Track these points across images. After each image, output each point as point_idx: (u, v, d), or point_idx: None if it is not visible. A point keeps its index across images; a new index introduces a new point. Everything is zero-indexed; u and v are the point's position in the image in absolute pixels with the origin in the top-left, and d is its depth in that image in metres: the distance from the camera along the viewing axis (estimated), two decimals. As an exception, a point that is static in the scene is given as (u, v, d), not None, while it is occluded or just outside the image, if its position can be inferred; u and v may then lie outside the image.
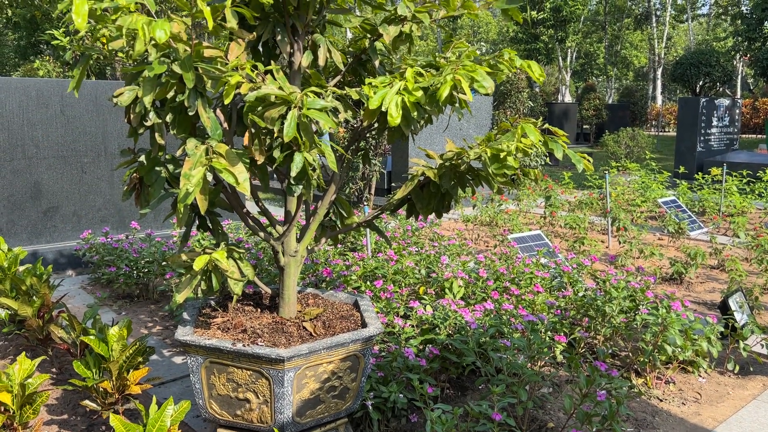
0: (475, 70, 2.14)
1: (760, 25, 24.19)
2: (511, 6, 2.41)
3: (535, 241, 5.31)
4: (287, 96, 1.96)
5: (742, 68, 32.13)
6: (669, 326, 3.28)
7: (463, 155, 2.41)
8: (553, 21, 27.02)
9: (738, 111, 13.57)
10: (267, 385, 2.32)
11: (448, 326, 3.20)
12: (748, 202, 8.50)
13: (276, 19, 2.28)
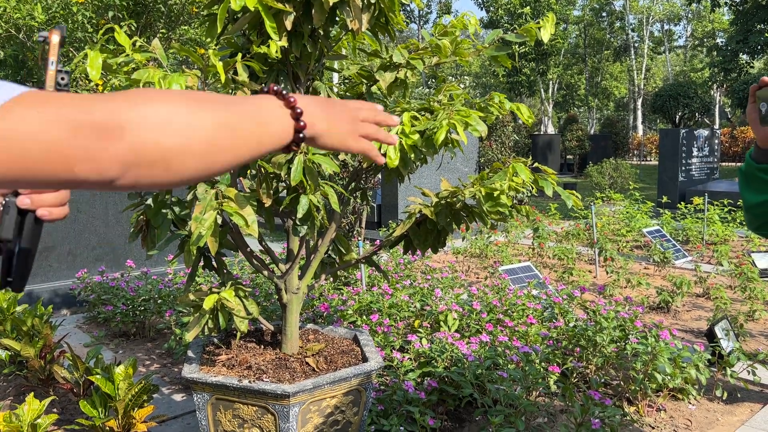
0: (470, 115, 2.27)
1: (735, 57, 24.89)
2: (500, 54, 2.56)
3: (525, 272, 5.42)
4: (293, 142, 2.07)
5: (719, 98, 32.90)
6: (658, 355, 3.38)
7: (458, 194, 2.53)
8: (534, 54, 27.63)
9: (717, 140, 13.91)
10: (272, 420, 2.38)
11: (446, 359, 3.28)
12: (730, 231, 8.69)
13: (279, 69, 2.41)
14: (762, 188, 1.47)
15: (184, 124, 0.63)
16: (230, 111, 0.68)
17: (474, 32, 2.69)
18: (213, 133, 0.65)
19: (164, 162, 0.62)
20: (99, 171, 0.60)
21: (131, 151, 0.60)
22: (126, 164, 0.60)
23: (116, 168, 0.60)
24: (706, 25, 37.15)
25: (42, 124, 0.57)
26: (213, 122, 0.65)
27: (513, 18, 25.94)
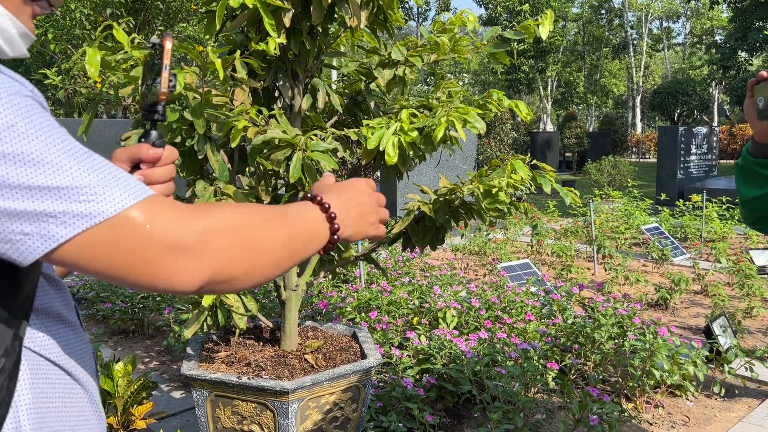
0: (468, 112, 2.27)
1: (734, 54, 24.91)
2: (499, 50, 2.56)
3: (523, 269, 5.43)
4: (291, 139, 2.07)
5: (718, 95, 32.92)
6: (656, 351, 3.39)
7: (456, 191, 2.53)
8: (533, 52, 27.63)
9: (715, 138, 13.92)
10: (271, 417, 2.39)
11: (444, 356, 3.28)
12: (729, 228, 8.71)
13: (278, 66, 2.41)
14: (758, 182, 1.48)
15: (258, 246, 0.77)
16: (288, 231, 0.81)
17: (472, 29, 2.69)
18: (275, 255, 0.79)
19: (234, 281, 0.75)
20: (179, 285, 0.72)
21: (211, 272, 0.73)
22: (203, 282, 0.73)
23: (195, 284, 0.72)
24: (705, 23, 37.16)
25: (147, 239, 0.69)
26: (276, 246, 0.79)
27: (512, 15, 25.93)
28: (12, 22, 0.80)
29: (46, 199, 0.66)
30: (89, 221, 0.67)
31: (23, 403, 0.74)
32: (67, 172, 0.67)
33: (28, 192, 0.66)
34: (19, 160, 0.65)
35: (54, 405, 0.78)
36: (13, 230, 0.66)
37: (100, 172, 0.70)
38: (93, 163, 0.70)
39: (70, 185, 0.67)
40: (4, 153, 0.65)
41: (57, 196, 0.66)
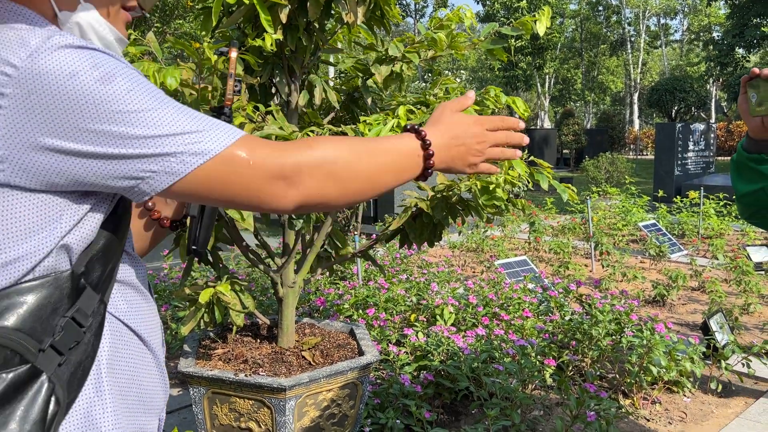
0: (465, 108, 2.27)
1: (731, 51, 24.92)
2: (496, 47, 2.56)
3: (521, 266, 5.43)
4: (288, 135, 2.07)
5: (715, 92, 32.95)
6: (653, 348, 3.39)
7: (453, 187, 2.53)
8: (530, 48, 27.62)
9: (713, 135, 13.93)
10: (269, 414, 2.38)
11: (441, 352, 3.28)
12: (726, 225, 8.72)
13: (274, 62, 2.40)
14: (753, 177, 1.49)
15: (344, 176, 0.90)
16: (379, 162, 0.93)
17: (470, 26, 2.68)
18: (364, 183, 0.91)
19: (327, 203, 0.90)
20: (279, 207, 0.87)
21: (304, 196, 0.88)
22: (298, 205, 0.88)
23: (291, 206, 0.88)
24: (702, 19, 37.16)
25: (250, 170, 0.84)
26: (364, 176, 0.91)
27: (509, 12, 25.91)
28: (109, 29, 0.92)
29: (167, 144, 0.81)
30: (202, 158, 0.82)
31: (104, 358, 0.87)
32: (178, 122, 0.82)
33: (152, 140, 0.80)
34: (142, 116, 0.80)
35: (127, 364, 0.90)
36: (143, 169, 0.81)
37: (201, 119, 0.84)
38: (193, 114, 0.84)
39: (183, 131, 0.82)
40: (130, 110, 0.79)
41: (174, 140, 0.81)
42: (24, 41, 0.78)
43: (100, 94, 0.77)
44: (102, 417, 0.86)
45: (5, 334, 0.77)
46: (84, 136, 0.78)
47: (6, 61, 0.77)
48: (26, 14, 0.86)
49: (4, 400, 0.76)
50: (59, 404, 0.80)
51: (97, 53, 0.80)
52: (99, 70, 0.78)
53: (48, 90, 0.76)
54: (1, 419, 0.76)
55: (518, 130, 1.07)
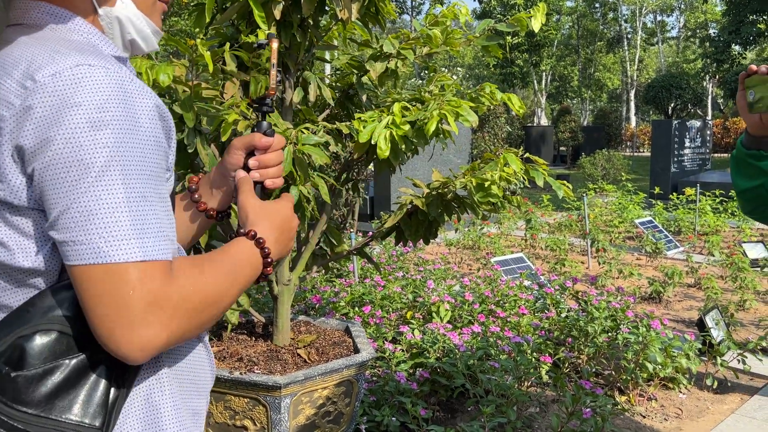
0: (460, 105, 2.26)
1: (727, 48, 24.95)
2: (491, 43, 2.55)
3: (517, 263, 5.43)
4: (282, 132, 2.06)
5: (712, 89, 32.98)
6: (649, 344, 3.39)
7: (449, 184, 2.52)
8: (527, 45, 27.60)
9: (709, 132, 13.95)
10: (264, 412, 2.38)
11: (437, 350, 3.28)
12: (722, 221, 8.73)
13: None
14: (752, 174, 1.49)
15: (210, 319, 0.86)
16: (238, 287, 0.90)
17: (465, 22, 2.67)
18: (227, 304, 0.88)
19: (194, 334, 0.84)
20: (131, 355, 0.80)
21: (179, 329, 0.82)
22: (168, 335, 0.81)
23: (146, 358, 0.80)
24: (699, 16, 37.19)
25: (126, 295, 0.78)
26: (228, 302, 0.88)
27: (506, 9, 25.89)
28: (147, 22, 0.93)
29: (82, 229, 0.77)
30: (95, 259, 0.77)
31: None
32: (115, 214, 0.78)
33: (77, 216, 0.77)
34: (92, 182, 0.77)
35: (181, 347, 0.94)
36: (56, 237, 0.79)
37: (141, 223, 0.79)
38: (140, 212, 0.79)
39: (108, 224, 0.77)
40: (89, 167, 0.77)
41: (90, 228, 0.77)
42: (53, 61, 0.79)
43: (83, 136, 0.77)
44: (161, 400, 0.88)
45: (69, 322, 0.80)
46: (43, 164, 0.77)
47: (30, 75, 0.78)
48: (62, 15, 0.87)
49: (68, 385, 0.79)
50: (119, 389, 0.82)
51: (116, 92, 0.79)
52: (101, 114, 0.78)
53: (47, 111, 0.77)
54: (65, 403, 0.79)
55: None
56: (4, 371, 0.78)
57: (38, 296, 0.82)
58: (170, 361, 0.91)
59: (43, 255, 0.82)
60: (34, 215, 0.81)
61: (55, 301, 0.81)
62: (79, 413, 0.79)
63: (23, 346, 0.78)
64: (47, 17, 0.87)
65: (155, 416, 0.88)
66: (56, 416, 0.78)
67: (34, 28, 0.86)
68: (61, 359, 0.79)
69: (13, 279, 0.83)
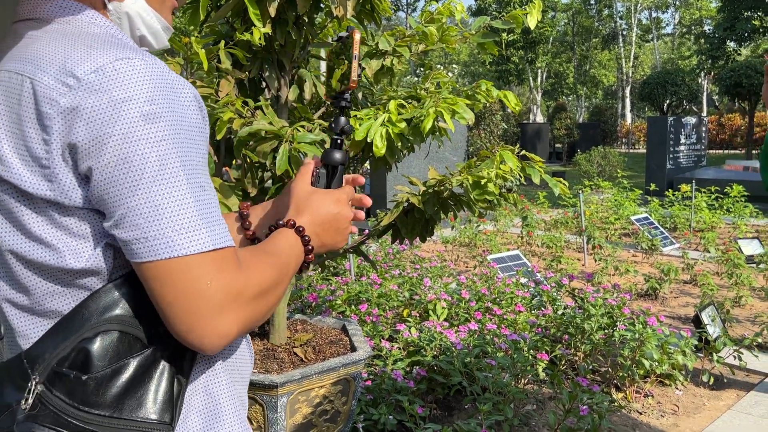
0: (456, 102, 2.26)
1: (722, 44, 24.99)
2: (487, 40, 2.54)
3: (513, 261, 5.43)
4: (278, 131, 2.05)
5: (707, 86, 33.04)
6: (646, 341, 3.40)
7: (445, 182, 2.51)
8: (523, 42, 27.61)
9: (704, 128, 13.97)
10: (260, 411, 2.37)
11: (434, 348, 3.28)
12: (718, 218, 8.75)
13: (264, 56, 2.38)
14: None
15: (268, 311, 0.86)
16: (287, 279, 0.91)
17: (461, 19, 2.67)
18: (281, 292, 0.89)
19: (257, 323, 0.85)
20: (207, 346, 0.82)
21: (248, 318, 0.83)
22: (241, 324, 0.82)
23: (221, 347, 0.82)
24: (694, 13, 37.23)
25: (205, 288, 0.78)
26: (278, 297, 0.88)
27: (501, 6, 25.88)
28: (157, 18, 0.92)
29: (146, 226, 0.77)
30: (168, 253, 0.77)
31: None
32: (178, 205, 0.77)
33: (137, 216, 0.77)
34: (152, 180, 0.76)
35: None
36: (117, 236, 0.78)
37: (205, 210, 0.80)
38: (200, 199, 0.80)
39: (172, 217, 0.77)
40: (148, 162, 0.76)
41: (156, 226, 0.77)
42: (91, 56, 0.78)
43: (139, 130, 0.76)
44: (219, 391, 0.90)
45: (128, 321, 0.81)
46: (102, 163, 0.76)
47: (70, 72, 0.77)
48: (77, 8, 0.85)
49: (135, 384, 0.80)
50: (181, 383, 0.84)
51: (159, 83, 0.78)
52: (151, 106, 0.77)
53: (97, 109, 0.76)
54: (135, 402, 0.79)
55: (361, 184, 1.11)
56: (73, 375, 0.78)
57: (91, 298, 0.81)
58: (223, 352, 0.92)
59: (96, 255, 0.81)
60: (85, 215, 0.80)
61: (111, 301, 0.81)
62: (150, 411, 0.80)
63: (87, 348, 0.78)
64: (62, 11, 0.85)
65: (215, 407, 0.89)
66: (128, 416, 0.79)
67: (50, 23, 0.85)
68: (125, 359, 0.80)
69: (62, 281, 0.82)
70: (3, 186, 0.80)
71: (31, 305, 0.83)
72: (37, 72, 0.78)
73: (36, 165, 0.78)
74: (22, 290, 0.83)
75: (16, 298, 0.84)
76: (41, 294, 0.82)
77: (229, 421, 0.90)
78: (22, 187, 0.78)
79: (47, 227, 0.80)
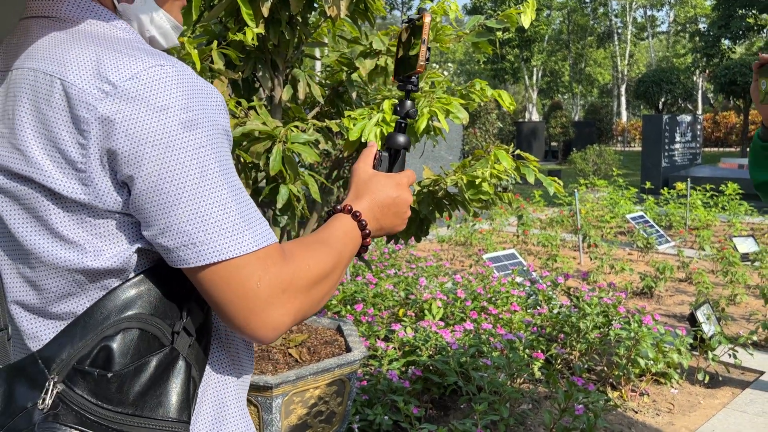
0: (451, 102, 2.25)
1: (717, 42, 25.04)
2: (481, 39, 2.53)
3: (509, 260, 5.43)
4: (271, 131, 2.04)
5: (702, 83, 33.10)
6: (641, 340, 3.40)
7: (440, 182, 2.51)
8: (518, 41, 27.62)
9: (699, 126, 14.00)
10: (255, 412, 2.36)
11: (430, 347, 3.27)
12: (713, 216, 8.76)
13: (257, 56, 2.37)
14: None
15: (323, 299, 0.89)
16: (342, 266, 0.93)
17: (455, 18, 2.66)
18: (337, 278, 0.92)
19: (313, 310, 0.88)
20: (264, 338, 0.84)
21: (300, 307, 0.85)
22: (293, 314, 0.85)
23: (278, 336, 0.84)
24: (689, 11, 37.30)
25: (262, 283, 0.81)
26: (334, 284, 0.91)
27: (496, 4, 25.88)
28: (166, 18, 0.92)
29: (191, 232, 0.79)
30: (216, 257, 0.79)
31: (221, 333, 0.94)
32: (221, 209, 0.79)
33: (182, 222, 0.79)
34: (194, 187, 0.78)
35: (233, 336, 0.96)
36: (160, 243, 0.80)
37: (244, 212, 0.82)
38: (240, 201, 0.82)
39: (216, 222, 0.79)
40: (191, 169, 0.78)
41: (201, 230, 0.79)
42: (125, 63, 0.79)
43: (179, 138, 0.78)
44: (226, 391, 0.92)
45: (147, 320, 0.82)
46: (144, 172, 0.77)
47: (106, 78, 0.77)
48: (99, 11, 0.86)
49: (156, 382, 0.81)
50: (195, 383, 0.85)
51: (192, 90, 0.80)
52: (188, 114, 0.78)
53: (136, 117, 0.77)
54: (155, 401, 0.80)
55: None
56: (97, 373, 0.78)
57: (108, 297, 0.82)
58: (230, 353, 0.94)
59: (121, 257, 0.82)
60: (117, 218, 0.81)
61: (129, 299, 0.82)
62: (169, 409, 0.81)
63: (109, 346, 0.79)
64: (83, 12, 0.85)
65: (223, 406, 0.91)
66: (149, 414, 0.80)
67: (71, 22, 0.84)
68: (145, 357, 0.81)
69: (80, 283, 0.82)
70: (31, 186, 0.80)
71: (43, 307, 0.83)
72: (67, 74, 0.78)
73: (70, 168, 0.78)
74: (36, 291, 0.83)
75: (27, 300, 0.84)
76: (56, 295, 0.82)
77: (234, 421, 0.93)
78: (54, 188, 0.78)
79: (75, 228, 0.80)
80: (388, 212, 1.02)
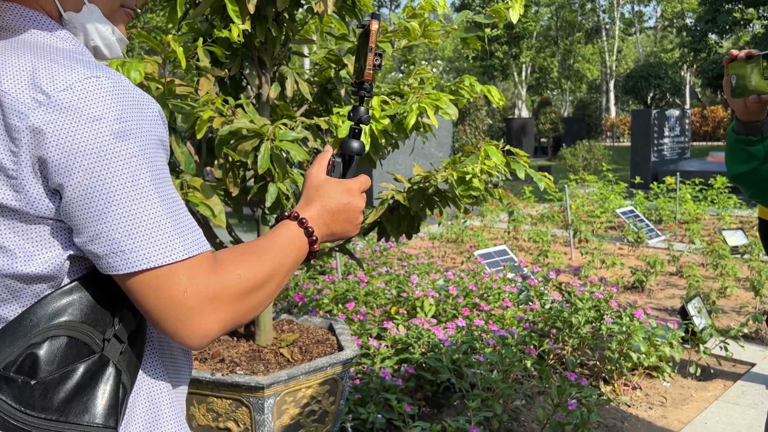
0: (440, 98, 2.24)
1: (704, 37, 25.16)
2: (470, 35, 2.52)
3: (500, 256, 5.43)
4: (259, 129, 2.02)
5: (690, 78, 33.26)
6: (633, 334, 3.40)
7: (430, 178, 2.49)
8: (506, 37, 27.65)
9: (688, 121, 14.07)
10: (247, 413, 2.34)
11: (422, 345, 3.26)
12: (702, 209, 8.80)
13: (244, 54, 2.34)
14: (744, 159, 1.50)
15: (258, 307, 0.90)
16: (282, 274, 0.94)
17: (443, 14, 2.65)
18: (276, 286, 0.92)
19: (247, 318, 0.89)
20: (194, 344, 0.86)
21: (230, 316, 0.86)
22: (222, 323, 0.86)
23: (207, 343, 0.86)
24: (676, 6, 37.45)
25: (188, 293, 0.83)
26: (273, 291, 0.92)
27: (485, 1, 25.90)
28: (112, 29, 0.93)
29: (122, 240, 0.80)
30: (145, 264, 0.80)
31: (155, 340, 0.95)
32: (151, 218, 0.81)
33: (112, 229, 0.80)
34: (125, 195, 0.80)
35: (168, 343, 0.97)
36: (90, 250, 0.81)
37: (177, 220, 0.83)
38: (172, 210, 0.83)
39: (147, 230, 0.80)
40: (122, 179, 0.79)
41: (131, 238, 0.80)
42: (59, 73, 0.80)
43: (110, 148, 0.79)
44: (160, 396, 0.93)
45: (76, 327, 0.83)
46: (74, 181, 0.79)
47: (40, 88, 0.79)
48: (41, 20, 0.87)
49: (83, 389, 0.82)
50: (125, 389, 0.86)
51: (126, 101, 0.81)
52: (121, 124, 0.80)
53: (68, 127, 0.78)
54: (81, 407, 0.81)
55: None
56: (21, 380, 0.79)
57: (39, 304, 0.83)
58: (165, 359, 0.95)
59: (53, 263, 0.83)
60: (49, 224, 0.82)
61: (59, 307, 0.83)
62: (95, 415, 0.82)
63: (35, 354, 0.80)
64: (26, 21, 0.86)
65: (157, 411, 0.92)
66: (74, 420, 0.81)
67: (13, 32, 0.85)
68: (73, 364, 0.82)
69: (11, 288, 0.83)
70: None
71: None
72: (2, 83, 0.79)
73: (2, 174, 0.79)
74: None
75: None
76: None
77: (169, 427, 0.94)
78: None
79: (7, 233, 0.81)
80: (338, 218, 1.03)
